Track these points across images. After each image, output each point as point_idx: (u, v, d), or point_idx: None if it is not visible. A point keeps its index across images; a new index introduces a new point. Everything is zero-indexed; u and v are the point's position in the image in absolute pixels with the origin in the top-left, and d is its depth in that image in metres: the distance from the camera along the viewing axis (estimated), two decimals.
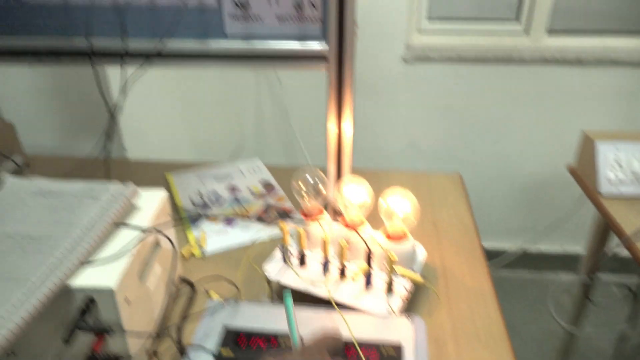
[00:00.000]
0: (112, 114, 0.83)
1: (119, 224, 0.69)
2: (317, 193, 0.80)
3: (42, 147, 1.46)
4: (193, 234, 0.96)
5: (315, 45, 0.80)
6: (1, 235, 0.65)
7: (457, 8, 1.91)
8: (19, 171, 1.16)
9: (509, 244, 2.21)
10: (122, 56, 0.79)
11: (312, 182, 0.80)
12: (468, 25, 1.91)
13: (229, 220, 1.01)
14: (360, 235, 0.73)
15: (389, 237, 0.76)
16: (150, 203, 0.75)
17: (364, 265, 0.72)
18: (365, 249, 0.72)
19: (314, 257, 0.79)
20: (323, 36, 0.79)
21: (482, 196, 2.14)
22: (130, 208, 0.72)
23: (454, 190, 1.10)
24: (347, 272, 0.75)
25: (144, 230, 0.69)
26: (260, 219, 1.01)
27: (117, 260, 0.63)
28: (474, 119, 1.98)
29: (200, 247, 0.91)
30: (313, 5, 0.77)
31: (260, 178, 1.15)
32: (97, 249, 0.65)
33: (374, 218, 0.80)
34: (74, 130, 1.52)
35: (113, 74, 1.48)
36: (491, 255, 2.20)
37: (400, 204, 0.76)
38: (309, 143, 1.96)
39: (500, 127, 1.99)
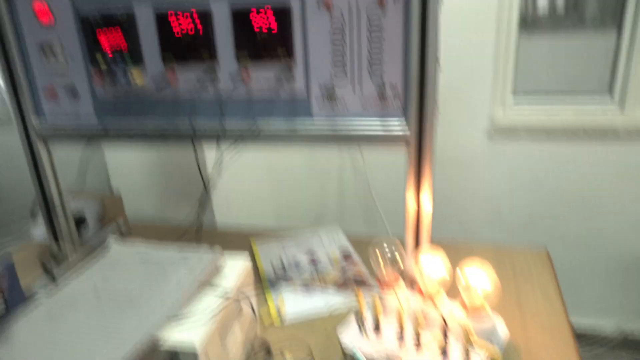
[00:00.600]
0: (206, 188, 0.91)
1: (206, 285, 0.74)
2: (394, 263, 0.81)
3: (143, 216, 1.60)
4: (272, 299, 0.99)
5: (396, 127, 0.84)
6: (104, 295, 0.72)
7: (545, 82, 1.90)
8: (122, 236, 1.28)
9: (605, 325, 2.03)
10: (218, 137, 0.88)
11: (389, 252, 0.81)
12: (556, 98, 1.88)
13: (307, 287, 1.03)
14: (437, 309, 0.72)
15: (466, 309, 0.75)
16: (235, 267, 0.80)
17: (440, 336, 0.71)
18: (441, 320, 0.71)
19: (388, 326, 0.78)
20: (404, 118, 0.84)
21: (573, 275, 2.01)
22: (216, 270, 0.77)
23: (540, 266, 1.06)
24: (422, 341, 0.73)
25: (228, 294, 0.73)
26: (337, 286, 1.03)
27: (203, 319, 0.67)
28: (563, 194, 1.90)
29: (279, 312, 0.94)
30: (395, 94, 0.82)
31: (340, 247, 1.18)
32: (184, 308, 0.69)
33: (451, 290, 0.79)
34: (172, 201, 1.66)
35: (209, 152, 1.62)
36: (586, 338, 2.02)
37: (479, 275, 0.75)
38: (389, 214, 1.97)
39: (592, 202, 1.89)
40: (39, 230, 1.28)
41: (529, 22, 1.86)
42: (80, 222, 1.19)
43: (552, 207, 1.93)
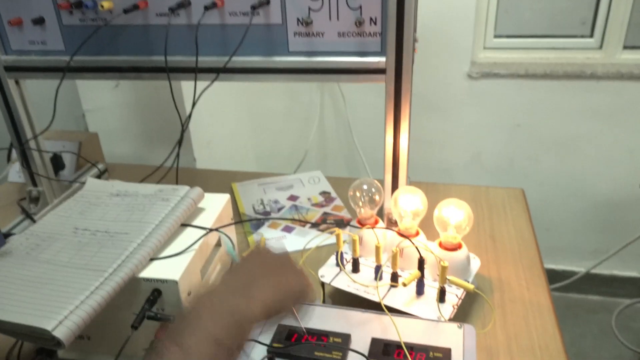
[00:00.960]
0: (183, 125, 0.90)
1: (185, 224, 0.74)
2: (373, 202, 0.82)
3: (120, 156, 1.57)
4: (253, 238, 1.00)
5: (374, 59, 0.82)
6: (82, 230, 0.72)
7: (526, 24, 1.88)
8: (99, 177, 1.26)
9: (579, 266, 2.11)
10: (195, 71, 0.86)
11: (368, 191, 0.82)
12: (537, 41, 1.87)
13: (287, 227, 1.04)
14: (412, 243, 0.74)
15: (442, 246, 0.77)
16: (215, 206, 0.81)
17: (417, 272, 0.73)
18: (418, 257, 0.73)
19: (367, 264, 0.80)
20: (382, 51, 0.82)
21: (551, 215, 2.06)
22: (196, 209, 0.78)
23: (515, 205, 1.08)
24: (399, 278, 0.76)
25: (207, 230, 0.73)
26: (317, 226, 1.04)
27: (182, 255, 0.68)
28: (541, 136, 1.92)
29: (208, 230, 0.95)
30: (373, 21, 0.80)
31: (320, 189, 1.19)
32: (165, 246, 0.70)
33: (430, 230, 0.81)
34: (149, 140, 1.63)
35: (186, 88, 1.58)
36: (559, 277, 2.10)
37: (455, 214, 0.77)
38: (370, 157, 1.98)
39: (570, 144, 1.92)
40: (15, 173, 1.26)
41: None
42: (56, 162, 1.17)
43: (531, 148, 1.96)
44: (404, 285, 0.72)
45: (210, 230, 0.74)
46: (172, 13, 0.84)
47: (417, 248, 0.73)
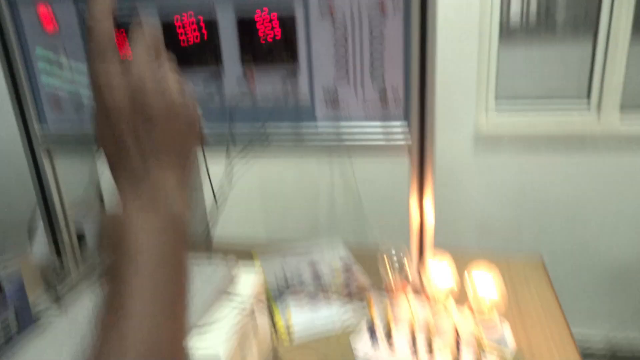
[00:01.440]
0: (215, 199, 0.92)
1: (222, 294, 0.75)
2: (402, 269, 0.84)
3: None
4: (279, 312, 1.00)
5: (398, 133, 0.87)
6: None
7: (524, 91, 1.97)
8: None
9: (593, 335, 2.09)
10: (228, 144, 0.90)
11: (398, 258, 0.84)
12: (536, 106, 1.95)
13: (312, 299, 1.05)
14: (447, 312, 0.75)
15: (474, 313, 0.78)
16: (247, 278, 0.82)
17: (452, 343, 0.74)
18: (451, 325, 0.74)
19: (400, 335, 0.81)
20: (406, 121, 0.87)
21: (561, 280, 2.06)
22: (231, 280, 0.79)
23: (534, 271, 1.10)
24: (434, 349, 0.76)
25: (245, 304, 0.74)
26: (341, 295, 1.05)
27: (224, 330, 0.69)
28: (548, 203, 1.96)
29: (287, 325, 0.95)
30: (396, 97, 0.86)
31: (340, 256, 1.20)
32: (204, 318, 0.71)
33: (458, 295, 0.82)
34: None
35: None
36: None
37: (486, 283, 0.78)
38: (383, 221, 2.00)
39: (575, 211, 1.95)
40: (37, 247, 1.27)
41: (504, 32, 1.92)
42: (80, 237, 1.18)
43: (538, 216, 1.99)
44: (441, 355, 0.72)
45: (248, 304, 0.75)
46: (206, 93, 0.88)
47: (451, 318, 0.74)
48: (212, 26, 0.88)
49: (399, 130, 0.87)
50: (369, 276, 1.10)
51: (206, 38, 0.88)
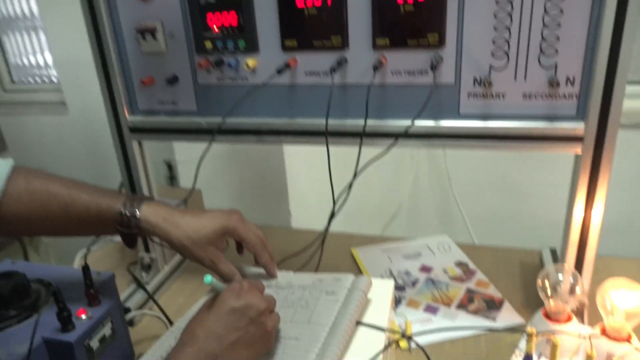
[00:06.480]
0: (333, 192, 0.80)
1: (360, 322, 0.63)
2: (571, 295, 0.69)
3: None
4: (394, 320, 0.87)
5: (567, 125, 0.70)
6: None
7: None
8: None
9: None
10: (361, 136, 0.76)
11: (565, 281, 0.69)
12: None
13: (430, 307, 0.91)
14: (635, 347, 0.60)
15: None
16: (380, 295, 0.68)
17: None
18: None
19: None
20: (578, 115, 0.69)
21: None
22: (366, 303, 0.66)
23: None
24: None
25: (387, 331, 0.61)
26: (463, 306, 0.90)
27: None
28: None
29: (406, 336, 0.82)
30: (570, 81, 0.68)
31: (455, 259, 1.05)
32: (344, 352, 0.58)
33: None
34: (245, 194, 1.55)
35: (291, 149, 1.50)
36: None
37: None
38: (469, 215, 1.83)
39: None
40: None
41: None
42: None
43: None
44: None
45: (405, 337, 0.62)
46: (332, 72, 0.74)
47: None
48: None
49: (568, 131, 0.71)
50: (497, 286, 0.95)
51: (330, 2, 0.73)
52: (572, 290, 0.68)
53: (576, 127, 0.69)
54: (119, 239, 0.69)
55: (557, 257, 0.95)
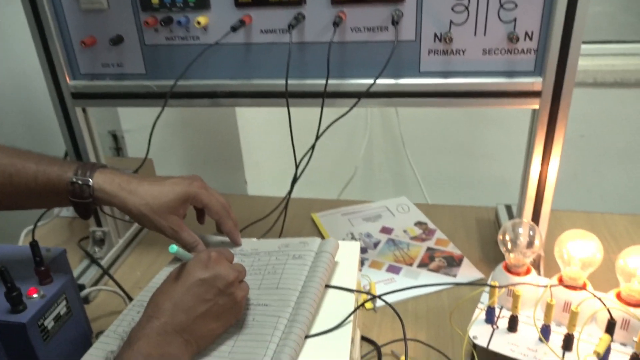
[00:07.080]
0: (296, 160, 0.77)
1: (329, 285, 0.62)
2: (529, 247, 0.70)
3: None
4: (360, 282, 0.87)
5: (526, 80, 0.70)
6: None
7: (591, 30, 1.77)
8: None
9: None
10: (323, 96, 0.74)
11: (525, 234, 0.70)
12: (604, 47, 1.76)
13: (392, 267, 0.92)
14: (601, 301, 0.62)
15: (625, 302, 0.65)
16: (347, 257, 0.68)
17: (606, 337, 0.61)
18: (608, 319, 0.61)
19: (524, 321, 0.68)
20: (536, 70, 0.70)
21: None
22: (334, 266, 0.65)
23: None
24: (574, 342, 0.63)
25: (372, 296, 0.61)
26: (424, 265, 0.92)
27: (340, 330, 0.56)
28: (607, 147, 1.81)
29: (376, 297, 0.83)
30: (528, 36, 0.68)
31: (414, 219, 1.06)
32: (315, 315, 0.57)
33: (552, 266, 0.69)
34: (198, 162, 1.51)
35: (243, 112, 1.45)
36: None
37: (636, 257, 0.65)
38: (421, 175, 1.85)
39: (637, 156, 1.81)
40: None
41: None
42: None
43: (595, 161, 1.84)
44: (598, 355, 0.60)
45: (375, 297, 0.61)
46: (290, 29, 0.71)
47: (608, 310, 0.61)
48: None
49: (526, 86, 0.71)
50: (456, 243, 0.97)
51: None
52: (530, 244, 0.70)
53: (534, 81, 0.70)
54: (68, 212, 0.64)
55: (512, 214, 0.98)
